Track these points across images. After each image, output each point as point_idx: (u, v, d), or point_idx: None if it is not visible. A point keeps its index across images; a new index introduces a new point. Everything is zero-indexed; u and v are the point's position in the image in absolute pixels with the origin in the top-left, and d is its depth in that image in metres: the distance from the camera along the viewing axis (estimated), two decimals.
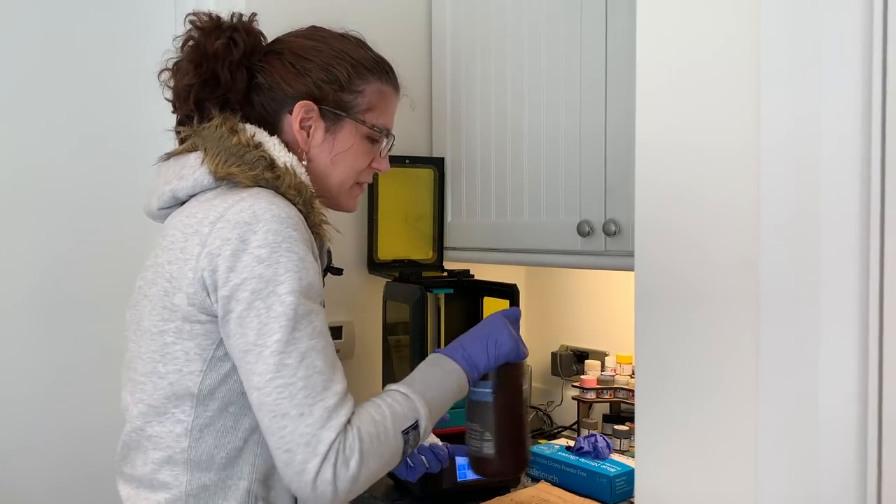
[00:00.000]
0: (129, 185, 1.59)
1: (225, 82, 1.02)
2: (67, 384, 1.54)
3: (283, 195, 0.95)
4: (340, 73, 1.04)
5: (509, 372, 1.06)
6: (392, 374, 1.56)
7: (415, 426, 0.93)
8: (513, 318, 1.10)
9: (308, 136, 1.04)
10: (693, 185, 0.85)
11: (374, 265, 1.63)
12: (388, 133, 1.10)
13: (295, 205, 0.96)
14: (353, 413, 0.89)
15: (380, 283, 1.61)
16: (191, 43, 1.03)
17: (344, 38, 1.09)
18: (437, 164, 1.68)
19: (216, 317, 0.90)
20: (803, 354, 0.74)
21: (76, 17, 1.53)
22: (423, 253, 1.68)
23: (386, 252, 1.64)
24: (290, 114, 1.03)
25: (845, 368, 0.72)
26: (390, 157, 1.14)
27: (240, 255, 0.87)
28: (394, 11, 1.71)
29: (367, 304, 1.68)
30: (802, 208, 0.74)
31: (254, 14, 1.07)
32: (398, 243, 1.65)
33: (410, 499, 1.33)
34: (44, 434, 1.51)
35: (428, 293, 1.47)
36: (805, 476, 0.75)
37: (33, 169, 1.50)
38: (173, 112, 1.06)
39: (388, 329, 1.57)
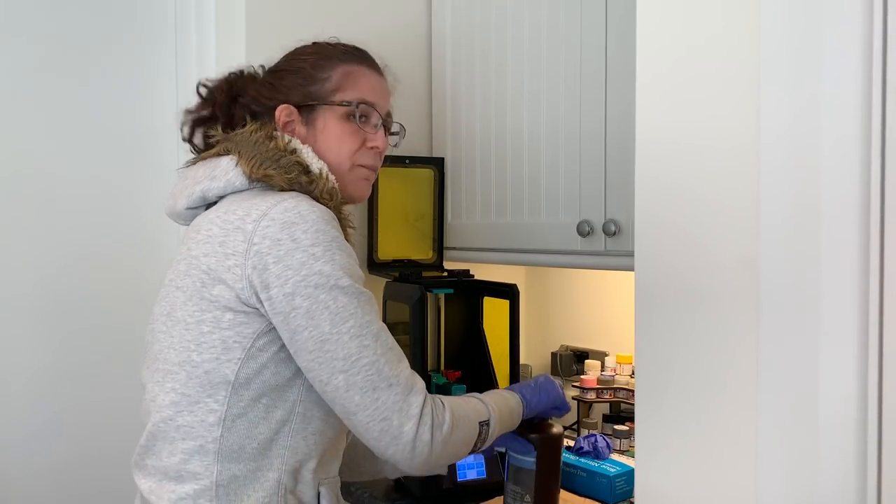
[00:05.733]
0: (131, 186, 1.60)
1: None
2: (69, 382, 1.54)
3: (317, 199, 0.98)
4: (303, 67, 1.09)
5: (551, 442, 1.17)
6: None
7: (487, 423, 1.02)
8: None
9: (294, 135, 1.07)
10: (693, 183, 0.85)
11: (374, 265, 1.63)
12: (363, 104, 1.08)
13: (329, 209, 0.98)
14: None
15: (380, 283, 1.61)
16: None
17: (315, 43, 1.12)
18: (437, 164, 1.68)
19: (256, 309, 0.92)
20: (803, 354, 0.74)
21: (79, 20, 1.53)
22: (423, 253, 1.68)
23: (386, 252, 1.64)
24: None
25: (845, 368, 0.72)
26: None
27: (293, 253, 0.90)
28: (394, 11, 1.71)
29: None
30: (803, 205, 0.74)
31: (262, 66, 1.15)
32: (398, 243, 1.65)
33: (410, 499, 1.33)
34: (45, 432, 1.51)
35: (428, 293, 1.47)
36: (805, 476, 0.74)
37: (35, 170, 1.50)
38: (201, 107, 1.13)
39: (389, 329, 1.56)
